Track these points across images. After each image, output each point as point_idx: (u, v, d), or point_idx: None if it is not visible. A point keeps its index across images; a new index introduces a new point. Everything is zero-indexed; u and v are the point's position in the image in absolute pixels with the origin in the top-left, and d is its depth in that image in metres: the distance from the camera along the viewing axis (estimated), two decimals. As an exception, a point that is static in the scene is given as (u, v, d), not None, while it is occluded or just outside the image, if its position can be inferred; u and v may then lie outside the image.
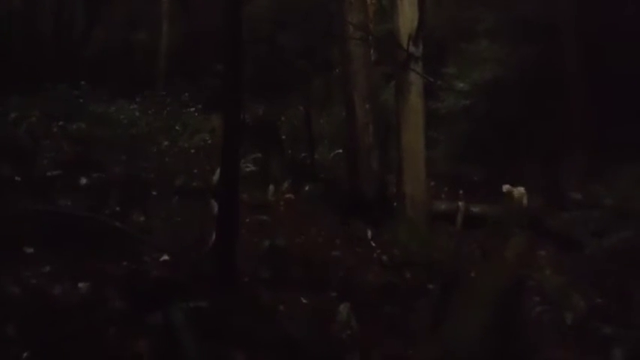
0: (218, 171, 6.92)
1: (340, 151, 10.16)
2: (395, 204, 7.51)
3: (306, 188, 8.40)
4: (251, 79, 4.85)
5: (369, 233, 7.18)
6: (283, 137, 10.31)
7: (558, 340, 4.50)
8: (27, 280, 3.98)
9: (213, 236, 5.17)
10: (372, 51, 8.58)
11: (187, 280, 4.50)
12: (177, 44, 13.04)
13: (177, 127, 9.53)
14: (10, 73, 9.60)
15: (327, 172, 9.51)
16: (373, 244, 6.93)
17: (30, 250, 4.41)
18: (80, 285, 3.93)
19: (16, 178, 6.08)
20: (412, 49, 6.97)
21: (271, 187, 7.87)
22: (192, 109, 10.84)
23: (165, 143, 8.85)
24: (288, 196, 7.94)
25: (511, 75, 9.55)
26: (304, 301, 4.97)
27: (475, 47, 10.05)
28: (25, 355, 3.05)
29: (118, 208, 6.00)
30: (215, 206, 5.94)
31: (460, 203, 7.73)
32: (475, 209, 7.76)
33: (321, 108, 11.32)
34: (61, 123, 8.29)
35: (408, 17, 7.22)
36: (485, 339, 3.76)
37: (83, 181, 6.17)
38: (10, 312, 3.40)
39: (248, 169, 8.02)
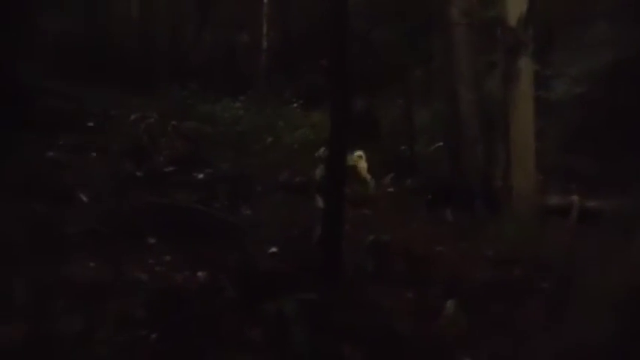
0: (321, 166, 7.06)
1: (441, 144, 9.93)
2: (501, 198, 7.23)
3: (408, 182, 8.30)
4: (351, 72, 4.89)
5: (474, 228, 6.97)
6: (383, 131, 10.27)
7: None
8: (151, 267, 4.31)
9: (318, 230, 5.29)
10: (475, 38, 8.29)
11: (295, 273, 4.63)
12: (278, 43, 13.41)
13: (280, 124, 9.80)
14: (129, 77, 10.39)
15: (429, 166, 9.34)
16: (478, 240, 6.72)
17: (153, 241, 4.77)
18: (199, 274, 4.19)
19: (137, 174, 6.59)
20: (521, 34, 6.67)
21: (373, 182, 7.88)
22: (294, 105, 11.12)
23: (269, 139, 9.13)
24: (389, 190, 7.90)
25: (630, 59, 8.80)
26: (409, 296, 4.94)
27: (591, 30, 9.37)
28: (153, 336, 3.31)
29: (227, 202, 6.31)
30: (319, 200, 6.07)
31: (574, 197, 7.25)
32: (591, 204, 7.24)
33: (421, 100, 11.11)
34: (173, 122, 8.82)
35: (517, 1, 6.90)
36: (610, 345, 3.49)
37: (199, 176, 6.56)
38: (139, 296, 3.70)
39: (350, 164, 8.07)
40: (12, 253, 3.23)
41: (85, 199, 5.40)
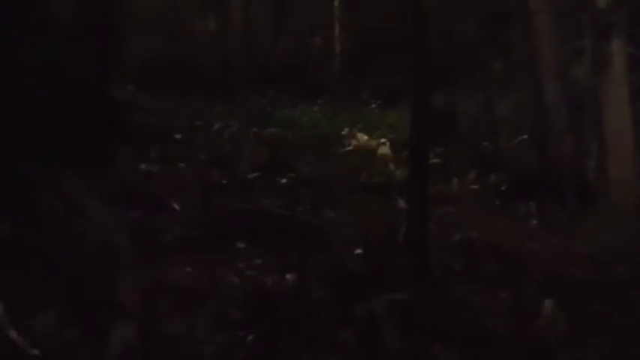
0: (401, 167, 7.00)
1: (525, 137, 9.55)
2: (596, 190, 6.83)
3: (492, 178, 8.02)
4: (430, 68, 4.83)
5: (566, 223, 6.64)
6: (463, 126, 10.00)
7: None
8: (242, 271, 4.45)
9: (403, 230, 5.23)
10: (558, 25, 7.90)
11: (382, 273, 4.61)
12: (351, 45, 13.43)
13: (358, 125, 9.80)
14: (209, 88, 10.80)
15: (513, 160, 8.99)
16: (572, 235, 6.38)
17: (242, 245, 4.93)
18: (287, 276, 4.28)
19: (223, 181, 6.85)
20: (612, 15, 6.29)
21: (455, 180, 7.70)
22: (372, 106, 11.09)
23: (347, 142, 9.16)
24: (473, 187, 7.68)
25: None
26: (501, 295, 4.78)
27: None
28: (249, 337, 3.41)
29: (310, 206, 6.40)
30: (401, 201, 6.01)
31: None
32: None
33: (502, 92, 10.74)
34: (254, 129, 9.08)
35: (605, -20, 6.51)
36: None
37: (283, 181, 6.72)
38: (234, 299, 3.83)
39: (430, 162, 7.92)
40: (118, 259, 3.45)
41: (177, 207, 5.67)
